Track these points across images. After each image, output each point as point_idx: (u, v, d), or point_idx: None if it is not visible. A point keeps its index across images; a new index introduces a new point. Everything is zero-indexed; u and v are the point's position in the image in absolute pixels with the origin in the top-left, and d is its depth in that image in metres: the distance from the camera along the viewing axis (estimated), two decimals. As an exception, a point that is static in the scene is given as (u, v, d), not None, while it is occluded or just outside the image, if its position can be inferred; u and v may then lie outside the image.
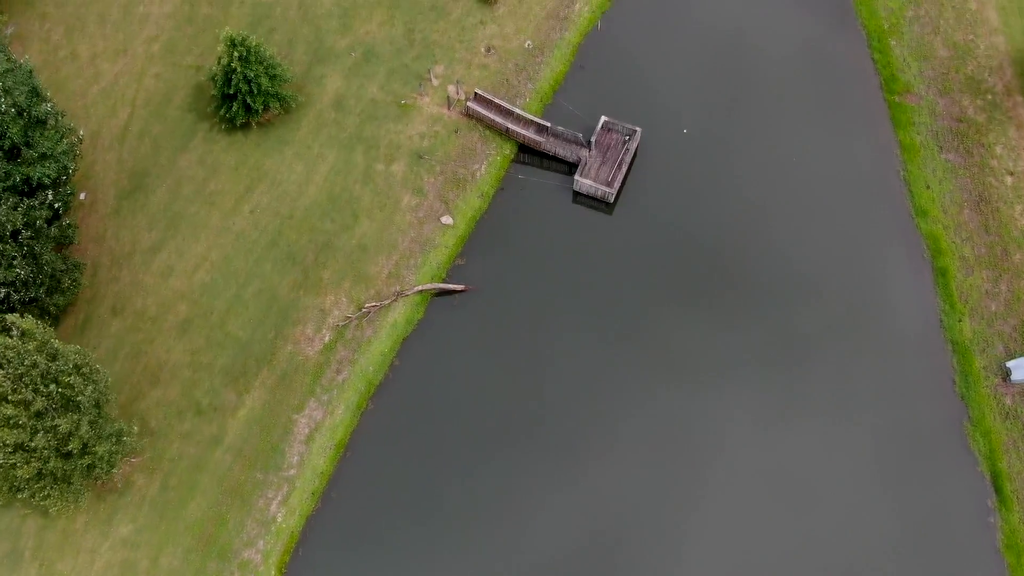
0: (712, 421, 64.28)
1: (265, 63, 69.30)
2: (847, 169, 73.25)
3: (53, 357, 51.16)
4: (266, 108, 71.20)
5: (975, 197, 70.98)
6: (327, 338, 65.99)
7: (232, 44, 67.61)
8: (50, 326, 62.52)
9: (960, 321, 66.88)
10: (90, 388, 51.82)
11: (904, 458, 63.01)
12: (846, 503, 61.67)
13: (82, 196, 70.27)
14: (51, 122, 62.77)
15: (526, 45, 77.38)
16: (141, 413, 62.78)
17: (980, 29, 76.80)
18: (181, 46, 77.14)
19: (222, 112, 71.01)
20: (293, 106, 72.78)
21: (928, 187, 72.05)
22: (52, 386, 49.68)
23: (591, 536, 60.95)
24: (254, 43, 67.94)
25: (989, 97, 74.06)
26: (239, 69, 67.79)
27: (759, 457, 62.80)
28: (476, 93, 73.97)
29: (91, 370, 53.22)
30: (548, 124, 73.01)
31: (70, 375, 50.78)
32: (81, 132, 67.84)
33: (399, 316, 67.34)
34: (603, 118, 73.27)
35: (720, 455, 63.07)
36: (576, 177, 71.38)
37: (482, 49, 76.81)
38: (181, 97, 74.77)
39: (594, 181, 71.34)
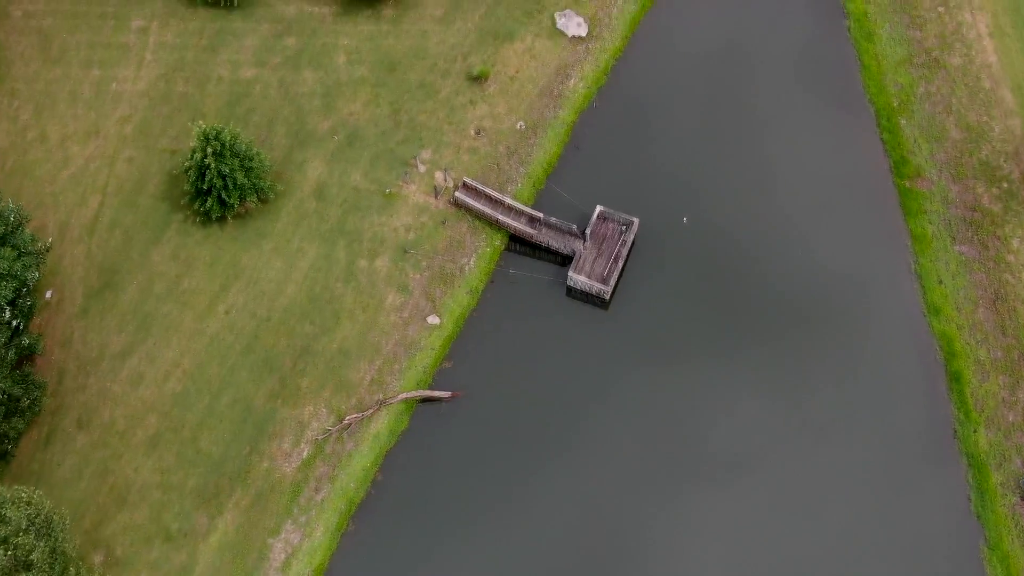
0: (713, 526, 60.68)
1: (241, 155, 65.59)
2: (856, 261, 69.57)
3: (1, 520, 47.47)
4: (242, 200, 67.43)
5: (991, 295, 67.30)
6: (305, 453, 62.30)
7: (206, 139, 63.91)
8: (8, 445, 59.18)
9: (975, 432, 63.24)
10: (44, 542, 48.07)
11: (917, 583, 59.49)
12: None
13: (48, 295, 66.57)
14: (10, 227, 58.99)
15: (518, 126, 73.68)
16: (106, 540, 59.06)
17: (995, 110, 73.11)
18: (155, 127, 73.36)
19: (196, 206, 67.30)
20: (272, 196, 69.04)
21: (941, 282, 68.39)
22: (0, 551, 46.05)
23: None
24: (228, 138, 64.24)
25: (1005, 185, 70.39)
26: (213, 165, 64.06)
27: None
28: (464, 182, 70.26)
29: (45, 520, 49.45)
30: (541, 215, 69.34)
31: (21, 533, 47.07)
32: (49, 240, 64.60)
33: (382, 427, 63.67)
34: (598, 207, 69.63)
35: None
36: (570, 273, 67.72)
37: (472, 131, 73.10)
38: (155, 184, 71.02)
39: (588, 278, 67.64)
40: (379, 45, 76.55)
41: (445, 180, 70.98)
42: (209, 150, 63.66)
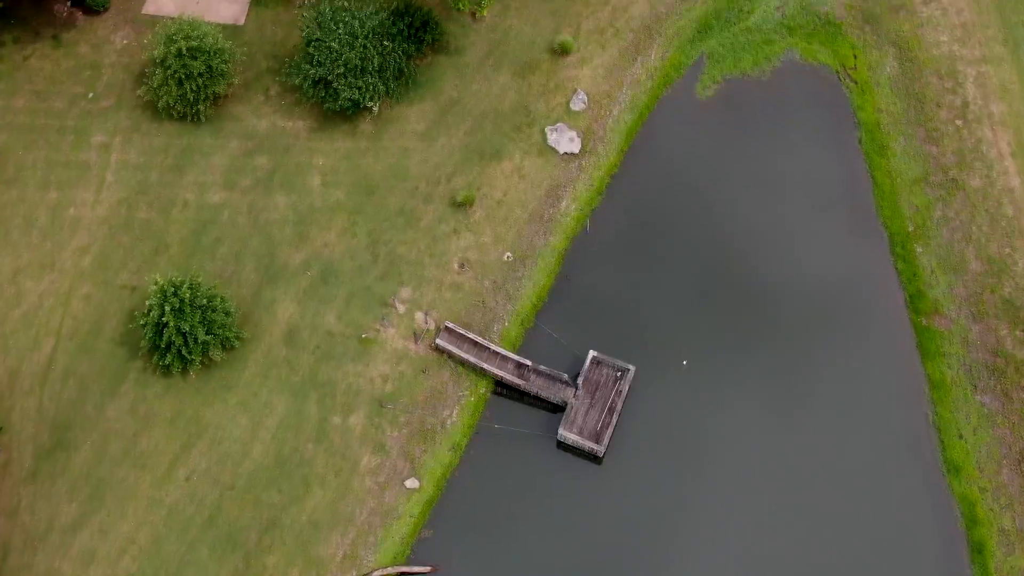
0: None
1: (203, 307, 60.42)
2: (869, 410, 64.46)
3: None
4: (205, 354, 62.24)
5: (1015, 454, 62.17)
6: (271, 642, 57.31)
7: (163, 295, 58.80)
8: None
9: (1001, 614, 58.24)
10: None
11: None
12: None
13: (-6, 457, 61.58)
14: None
15: (505, 257, 68.50)
16: None
17: (1018, 241, 67.92)
18: (115, 260, 68.14)
19: (155, 359, 62.16)
20: (237, 345, 63.83)
21: (961, 436, 63.28)
22: None
23: None
24: (188, 294, 59.07)
25: (1030, 329, 65.28)
26: (172, 323, 58.93)
27: None
28: (446, 326, 65.09)
29: None
30: (529, 363, 64.22)
31: None
32: None
33: (355, 608, 58.65)
34: (592, 353, 64.58)
35: None
36: (560, 431, 62.64)
37: (455, 265, 67.92)
38: (112, 326, 65.80)
39: (580, 435, 62.55)
40: (357, 165, 71.37)
41: (426, 322, 65.83)
42: (168, 307, 58.55)
